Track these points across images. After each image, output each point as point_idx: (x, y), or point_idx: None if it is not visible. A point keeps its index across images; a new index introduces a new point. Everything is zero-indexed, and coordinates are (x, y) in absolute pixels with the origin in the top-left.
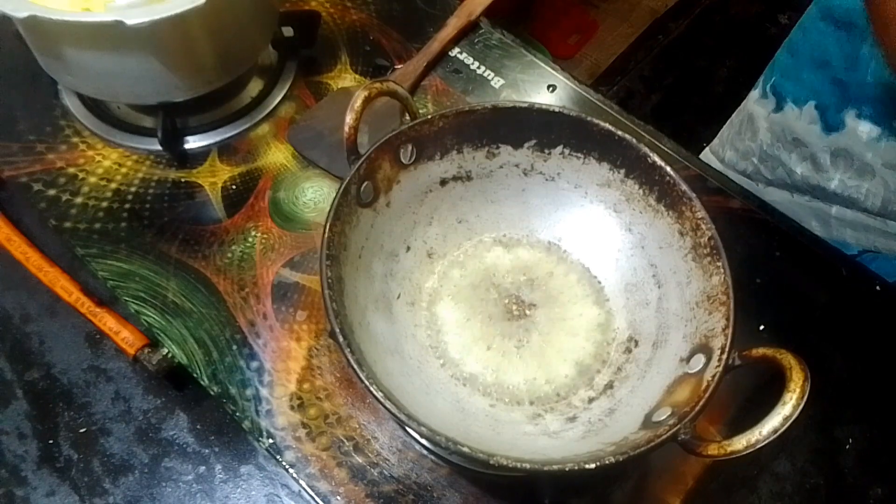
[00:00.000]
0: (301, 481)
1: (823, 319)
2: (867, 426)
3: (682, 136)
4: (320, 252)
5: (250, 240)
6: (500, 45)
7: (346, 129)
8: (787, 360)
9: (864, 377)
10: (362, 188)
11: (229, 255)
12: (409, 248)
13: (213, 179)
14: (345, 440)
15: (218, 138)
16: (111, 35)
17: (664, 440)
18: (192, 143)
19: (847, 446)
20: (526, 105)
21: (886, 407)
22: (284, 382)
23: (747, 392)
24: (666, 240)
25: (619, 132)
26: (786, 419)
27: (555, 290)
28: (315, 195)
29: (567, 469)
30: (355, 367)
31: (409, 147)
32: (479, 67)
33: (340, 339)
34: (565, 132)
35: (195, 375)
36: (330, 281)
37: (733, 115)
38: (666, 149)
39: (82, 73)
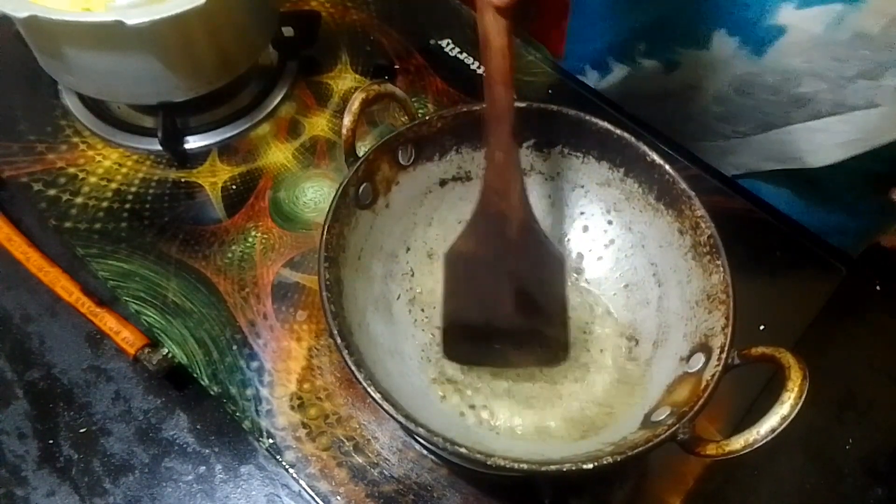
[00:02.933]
0: (301, 481)
1: (823, 319)
2: (867, 426)
3: None
4: (318, 254)
5: (250, 240)
6: None
7: (344, 131)
8: (786, 359)
9: (864, 377)
10: (361, 189)
11: (229, 255)
12: (408, 249)
13: (214, 179)
14: (345, 440)
15: (218, 138)
16: (111, 35)
17: (663, 440)
18: (192, 143)
19: (847, 446)
20: (525, 105)
21: (886, 407)
22: (285, 382)
23: (746, 391)
24: (666, 238)
25: (618, 131)
26: (784, 418)
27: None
28: (315, 195)
29: (566, 469)
30: (353, 368)
31: (408, 148)
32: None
33: (338, 340)
34: (564, 131)
35: (195, 375)
36: (328, 283)
37: None
38: (665, 147)
39: (82, 73)
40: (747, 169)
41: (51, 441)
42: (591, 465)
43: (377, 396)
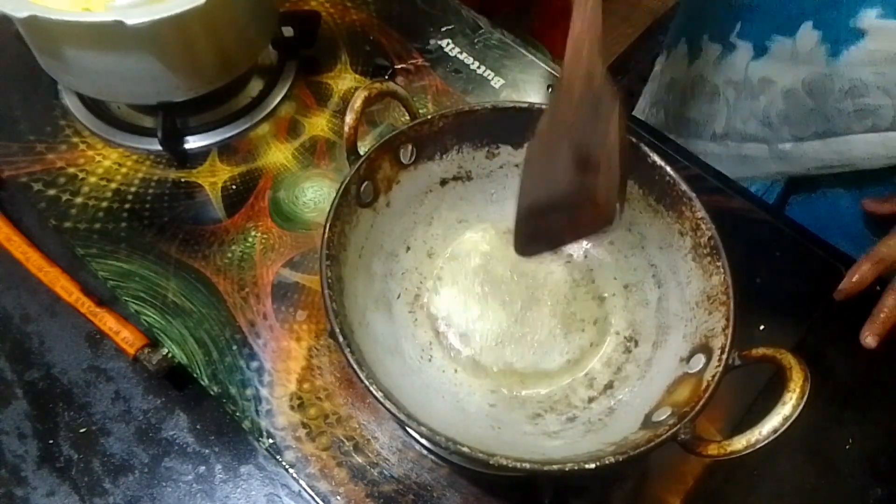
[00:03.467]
0: (301, 481)
1: (823, 319)
2: (867, 426)
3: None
4: (320, 252)
5: (250, 240)
6: (500, 45)
7: (346, 129)
8: (787, 360)
9: (864, 377)
10: (362, 188)
11: (229, 255)
12: (409, 248)
13: (213, 179)
14: (345, 440)
15: (218, 138)
16: (111, 35)
17: (664, 440)
18: (192, 143)
19: (847, 446)
20: (526, 105)
21: (886, 407)
22: (284, 382)
23: (747, 392)
24: (666, 240)
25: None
26: (786, 419)
27: (554, 289)
28: (315, 195)
29: (567, 469)
30: (355, 366)
31: (409, 147)
32: (479, 67)
33: (340, 338)
34: None
35: (195, 375)
36: (330, 281)
37: (661, 89)
38: (666, 148)
39: (82, 73)
40: (791, 175)
41: (51, 441)
42: (592, 465)
43: (379, 395)
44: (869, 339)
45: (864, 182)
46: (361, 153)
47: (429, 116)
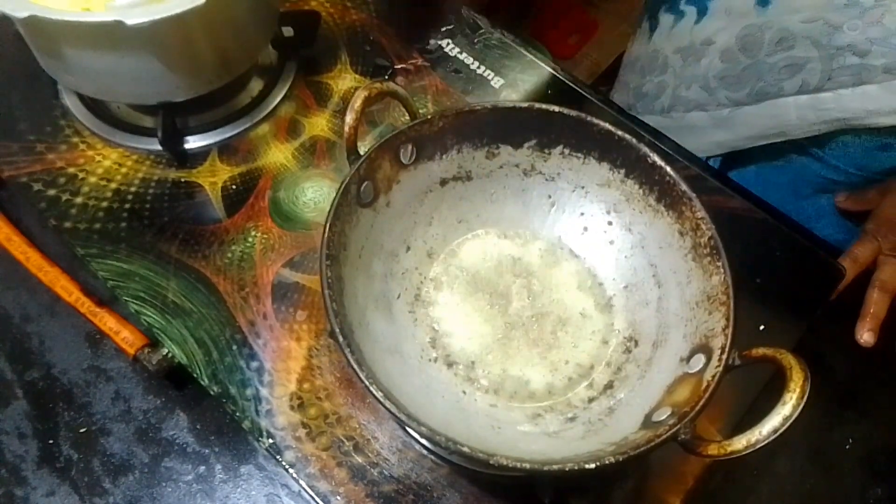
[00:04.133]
0: (301, 481)
1: (823, 319)
2: (867, 426)
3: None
4: (320, 252)
5: (250, 240)
6: (500, 45)
7: (346, 129)
8: (787, 360)
9: (864, 377)
10: (362, 188)
11: (229, 255)
12: (409, 248)
13: (213, 179)
14: (345, 440)
15: (218, 138)
16: (111, 35)
17: (664, 440)
18: (192, 143)
19: (847, 446)
20: (526, 105)
21: (886, 407)
22: (284, 382)
23: (747, 392)
24: (666, 240)
25: (619, 132)
26: (786, 419)
27: (555, 289)
28: (315, 195)
29: (567, 469)
30: (355, 366)
31: (409, 147)
32: (479, 67)
33: (340, 338)
34: (565, 132)
35: (195, 375)
36: (330, 281)
37: (625, 69)
38: (666, 149)
39: (82, 73)
40: (731, 147)
41: (51, 441)
42: (593, 465)
43: (379, 395)
44: (865, 335)
45: (790, 157)
46: (361, 153)
47: (429, 116)
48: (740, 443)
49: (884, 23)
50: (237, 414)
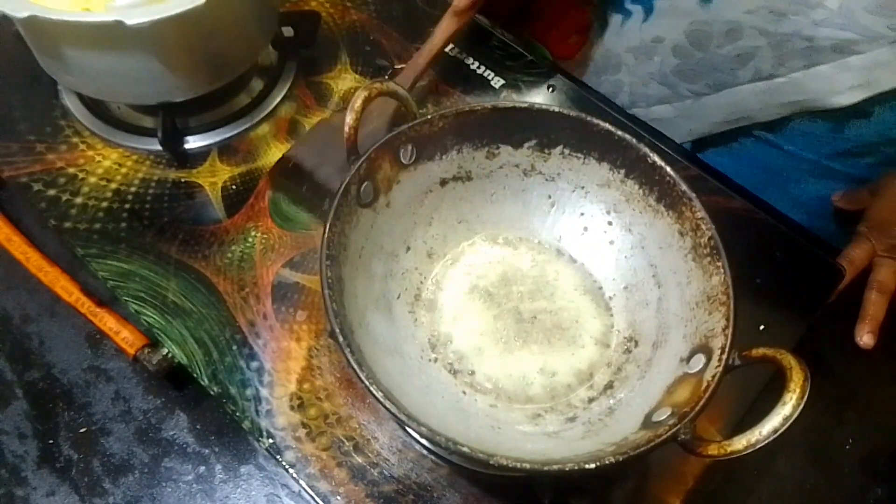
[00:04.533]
0: (301, 481)
1: (823, 319)
2: (867, 426)
3: None
4: (320, 252)
5: (250, 240)
6: (500, 45)
7: (347, 129)
8: (787, 360)
9: (864, 377)
10: (362, 188)
11: (229, 255)
12: (409, 249)
13: (213, 179)
14: (345, 440)
15: (218, 138)
16: (111, 35)
17: (664, 440)
18: (192, 143)
19: (847, 446)
20: (526, 105)
21: (886, 407)
22: (284, 382)
23: (747, 392)
24: (666, 240)
25: (619, 132)
26: (786, 419)
27: (554, 289)
28: None
29: (567, 469)
30: (355, 367)
31: (409, 147)
32: (479, 67)
33: (340, 339)
34: (565, 132)
35: (195, 375)
36: (330, 281)
37: (577, 70)
38: (666, 149)
39: (82, 73)
40: (702, 134)
41: (51, 441)
42: (593, 465)
43: (379, 395)
44: (865, 338)
45: (744, 143)
46: (361, 153)
47: (429, 116)
48: (740, 443)
49: (826, 5)
50: (237, 414)
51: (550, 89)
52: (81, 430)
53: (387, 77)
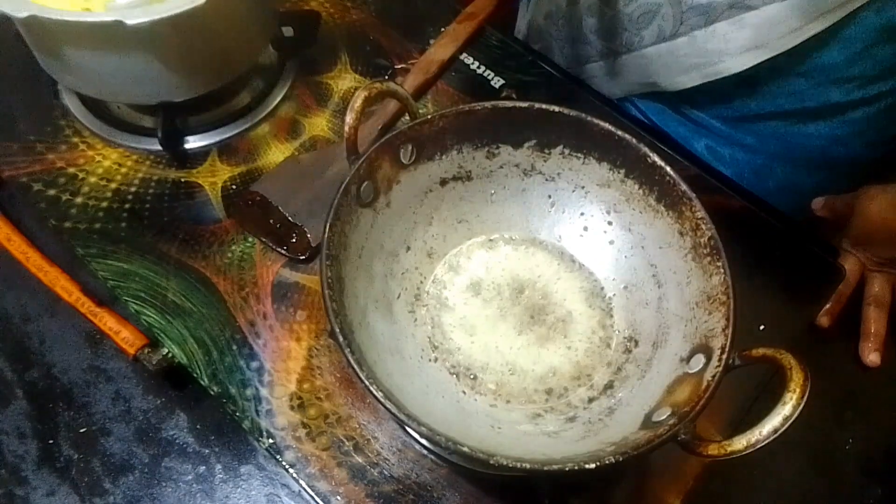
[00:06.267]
0: (301, 481)
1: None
2: (867, 426)
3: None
4: (320, 252)
5: (250, 239)
6: (500, 45)
7: (346, 129)
8: (787, 360)
9: (864, 377)
10: (362, 188)
11: (229, 255)
12: (409, 248)
13: (213, 179)
14: (345, 440)
15: (218, 138)
16: (111, 35)
17: (664, 440)
18: (192, 143)
19: (847, 446)
20: (526, 105)
21: (886, 407)
22: (284, 382)
23: (747, 392)
24: (666, 240)
25: (619, 132)
26: (786, 419)
27: (554, 289)
28: None
29: (567, 469)
30: (355, 366)
31: (409, 147)
32: (479, 67)
33: (340, 338)
34: (565, 132)
35: (195, 375)
36: (330, 281)
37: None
38: (666, 149)
39: (82, 73)
40: (630, 92)
41: (51, 441)
42: (593, 465)
43: (379, 395)
44: (872, 356)
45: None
46: (361, 153)
47: (429, 116)
48: (740, 443)
49: None
50: (237, 414)
51: (550, 89)
52: (81, 430)
53: (387, 77)
